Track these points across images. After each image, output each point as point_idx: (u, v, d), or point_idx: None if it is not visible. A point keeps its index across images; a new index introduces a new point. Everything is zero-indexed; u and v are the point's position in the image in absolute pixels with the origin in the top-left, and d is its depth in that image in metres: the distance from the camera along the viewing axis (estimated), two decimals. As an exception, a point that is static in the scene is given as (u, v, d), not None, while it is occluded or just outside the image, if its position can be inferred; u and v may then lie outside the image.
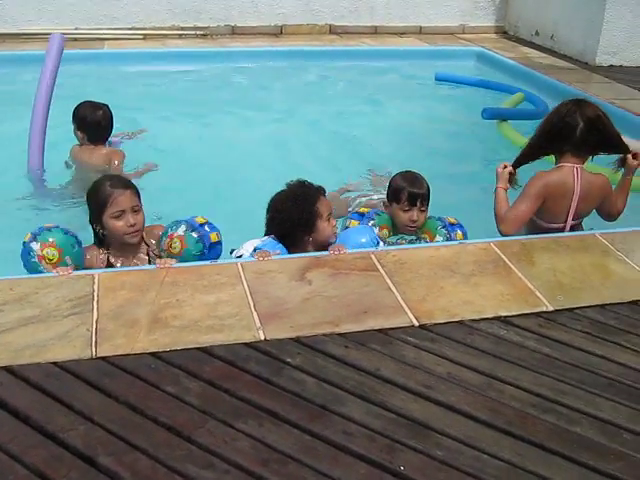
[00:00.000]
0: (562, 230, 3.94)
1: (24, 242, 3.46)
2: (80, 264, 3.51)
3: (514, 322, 3.09)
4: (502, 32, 10.22)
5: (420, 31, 9.89)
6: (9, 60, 7.93)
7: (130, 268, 3.41)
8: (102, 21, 8.90)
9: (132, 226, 3.53)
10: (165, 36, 8.92)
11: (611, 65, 8.41)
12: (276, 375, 2.66)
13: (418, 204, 3.91)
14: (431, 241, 3.90)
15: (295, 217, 3.60)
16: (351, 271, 3.35)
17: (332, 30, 9.65)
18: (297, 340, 2.86)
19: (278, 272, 3.32)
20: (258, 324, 2.93)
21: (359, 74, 8.40)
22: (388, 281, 3.28)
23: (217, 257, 3.59)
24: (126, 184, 3.62)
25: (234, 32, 9.33)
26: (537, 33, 9.56)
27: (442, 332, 2.97)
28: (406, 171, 4.07)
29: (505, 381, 2.71)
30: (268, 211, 3.72)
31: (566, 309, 3.21)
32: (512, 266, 3.48)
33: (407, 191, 3.91)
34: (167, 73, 7.95)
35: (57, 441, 2.33)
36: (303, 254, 3.53)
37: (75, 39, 8.76)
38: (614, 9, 8.25)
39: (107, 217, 3.52)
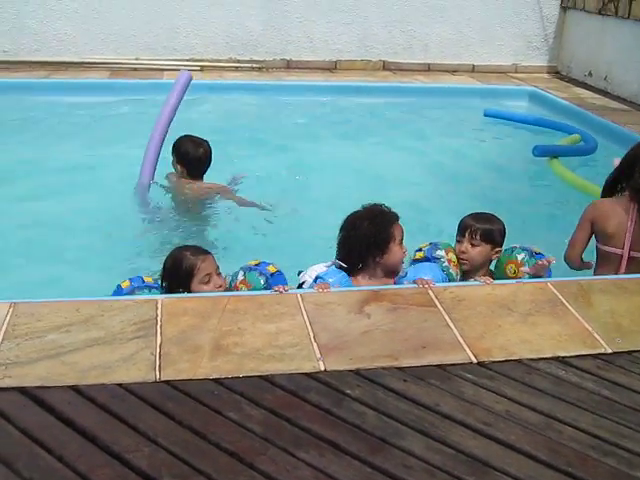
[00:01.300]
0: (621, 258, 3.97)
1: (120, 287, 3.56)
2: None
3: (572, 363, 3.08)
4: (555, 72, 10.23)
5: (473, 69, 9.96)
6: (70, 87, 8.16)
7: (192, 295, 3.48)
8: (162, 52, 9.11)
9: (219, 287, 3.65)
10: (222, 68, 9.08)
11: (666, 107, 8.38)
12: (336, 406, 2.69)
13: (467, 235, 3.93)
14: (517, 267, 3.89)
15: (370, 236, 3.65)
16: (409, 306, 3.38)
17: (385, 66, 9.76)
18: (357, 372, 2.89)
19: (337, 304, 3.36)
20: (318, 355, 2.97)
21: (410, 111, 8.46)
22: (446, 317, 3.31)
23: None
24: (205, 250, 3.75)
25: (289, 66, 9.48)
26: (590, 74, 9.56)
27: (500, 370, 2.98)
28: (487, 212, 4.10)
29: (564, 422, 2.71)
30: (342, 229, 3.75)
31: (625, 352, 3.20)
32: (569, 306, 3.48)
33: (463, 221, 3.98)
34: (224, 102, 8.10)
35: (123, 461, 2.38)
36: (361, 287, 3.57)
37: (135, 69, 9.00)
38: (669, 51, 8.23)
39: (196, 284, 3.61)
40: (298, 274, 3.77)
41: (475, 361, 3.02)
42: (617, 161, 6.23)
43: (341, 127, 7.89)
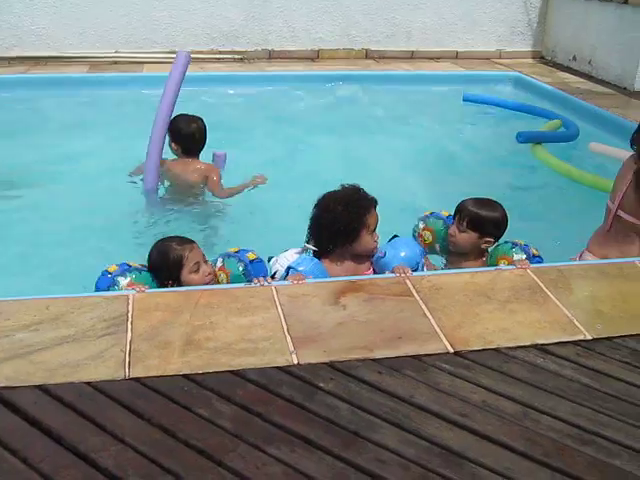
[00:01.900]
0: (610, 213, 3.94)
1: (107, 272, 3.50)
2: None
3: (551, 350, 3.03)
4: (539, 57, 10.17)
5: (456, 56, 9.88)
6: (50, 82, 8.06)
7: (165, 290, 3.41)
8: (141, 45, 9.01)
9: (208, 275, 3.64)
10: (203, 60, 8.99)
11: (651, 90, 8.33)
12: (309, 400, 2.63)
13: (457, 218, 3.90)
14: (510, 264, 3.78)
15: (342, 222, 3.55)
16: (386, 296, 3.32)
17: (368, 55, 9.68)
18: (331, 365, 2.83)
19: (312, 296, 3.30)
20: (292, 348, 2.91)
21: (394, 98, 8.40)
22: (423, 307, 3.25)
23: (272, 274, 3.61)
24: (189, 239, 3.71)
25: (271, 56, 9.39)
26: (574, 58, 9.50)
27: (478, 359, 2.92)
28: (493, 200, 4.04)
29: (542, 411, 2.65)
30: (316, 207, 3.66)
31: (605, 338, 3.14)
32: (549, 293, 3.43)
33: (460, 202, 3.94)
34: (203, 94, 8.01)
35: (88, 461, 2.32)
36: (337, 278, 3.51)
37: (115, 62, 8.91)
38: (653, 34, 8.18)
39: (186, 274, 3.59)
40: (268, 260, 3.73)
41: (452, 351, 2.96)
42: (593, 145, 6.23)
43: (324, 116, 7.82)
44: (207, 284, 3.62)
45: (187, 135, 5.32)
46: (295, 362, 2.84)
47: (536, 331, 3.13)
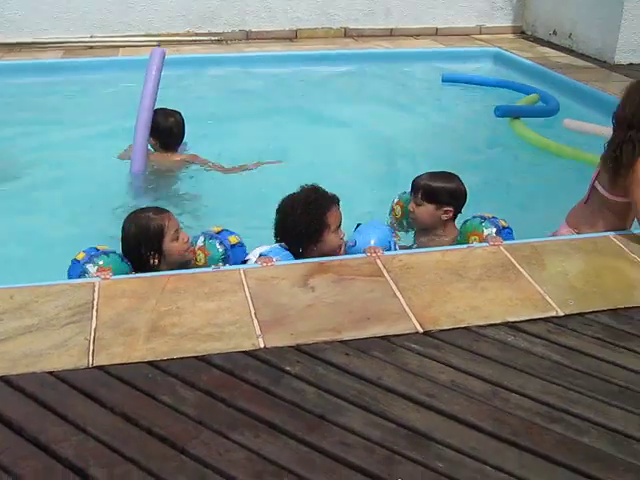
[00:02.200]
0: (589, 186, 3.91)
1: (76, 260, 3.44)
2: None
3: (522, 328, 3.00)
4: (520, 32, 10.07)
5: (436, 33, 9.75)
6: (24, 69, 7.96)
7: (131, 276, 3.36)
8: (117, 29, 8.88)
9: (186, 242, 3.63)
10: (180, 42, 8.88)
11: (631, 63, 8.25)
12: (275, 384, 2.59)
13: (412, 194, 3.91)
14: (481, 240, 3.72)
15: (303, 225, 3.50)
16: (356, 277, 3.28)
17: (347, 33, 9.55)
18: (297, 348, 2.79)
19: (281, 278, 3.25)
20: (258, 332, 2.87)
21: (373, 77, 8.32)
22: (393, 287, 3.21)
23: (244, 261, 3.56)
24: (163, 209, 3.69)
25: (248, 37, 9.28)
26: (555, 32, 9.42)
27: (447, 339, 2.89)
28: (447, 171, 4.05)
29: (511, 389, 2.62)
30: (277, 212, 3.61)
31: (577, 314, 3.11)
32: (522, 270, 3.39)
33: (413, 180, 3.95)
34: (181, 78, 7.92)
35: (49, 452, 2.29)
36: (307, 260, 3.46)
37: (90, 47, 8.79)
38: (632, 6, 8.08)
39: (167, 243, 3.55)
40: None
41: (421, 331, 2.93)
42: (567, 122, 6.19)
43: (302, 97, 7.74)
44: (185, 253, 3.61)
45: (165, 129, 5.31)
46: (261, 346, 2.80)
47: (507, 309, 3.10)
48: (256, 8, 9.21)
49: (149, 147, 5.36)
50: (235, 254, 3.64)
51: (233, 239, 3.68)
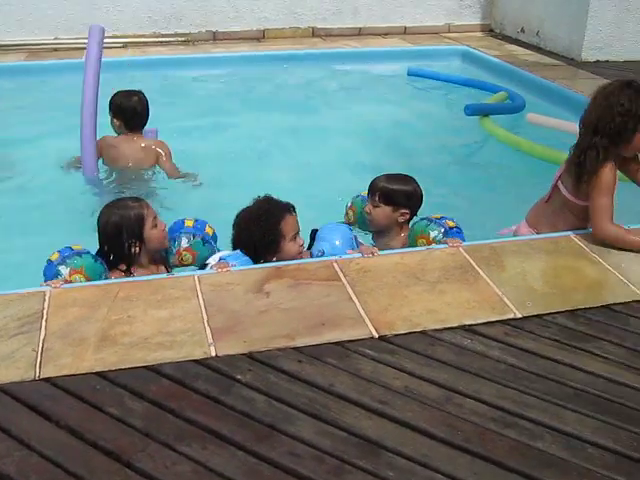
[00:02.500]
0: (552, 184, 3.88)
1: (50, 261, 3.40)
2: None
3: (479, 331, 2.96)
4: (488, 30, 10.07)
5: (405, 31, 9.74)
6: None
7: (83, 284, 3.28)
8: (82, 30, 8.72)
9: (164, 230, 3.66)
10: (146, 43, 8.80)
11: (597, 60, 8.28)
12: (225, 393, 2.54)
13: (369, 195, 3.88)
14: (429, 244, 3.71)
15: (257, 237, 3.47)
16: (312, 281, 3.23)
17: (315, 33, 9.50)
18: (249, 356, 2.74)
19: (236, 284, 3.19)
20: (210, 340, 2.81)
21: (341, 76, 8.29)
22: (350, 291, 3.16)
23: (203, 265, 3.53)
24: (139, 197, 3.77)
25: (215, 38, 9.20)
26: (523, 30, 9.43)
27: (402, 343, 2.85)
28: (402, 173, 4.02)
29: (465, 394, 2.59)
30: (233, 227, 3.59)
31: (535, 315, 3.09)
32: (481, 271, 3.36)
33: (371, 182, 3.92)
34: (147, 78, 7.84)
35: (-10, 469, 2.22)
36: (263, 265, 3.41)
37: (55, 49, 8.69)
38: (598, 3, 8.12)
39: (147, 230, 3.57)
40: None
41: (376, 335, 2.88)
42: (531, 116, 6.20)
43: (269, 97, 7.69)
44: (164, 240, 3.66)
45: (128, 108, 5.20)
46: (213, 354, 2.74)
47: (465, 311, 3.06)
48: (222, 8, 9.14)
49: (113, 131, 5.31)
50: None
51: (209, 230, 3.77)
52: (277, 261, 3.51)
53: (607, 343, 2.94)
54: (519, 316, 3.07)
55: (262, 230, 3.46)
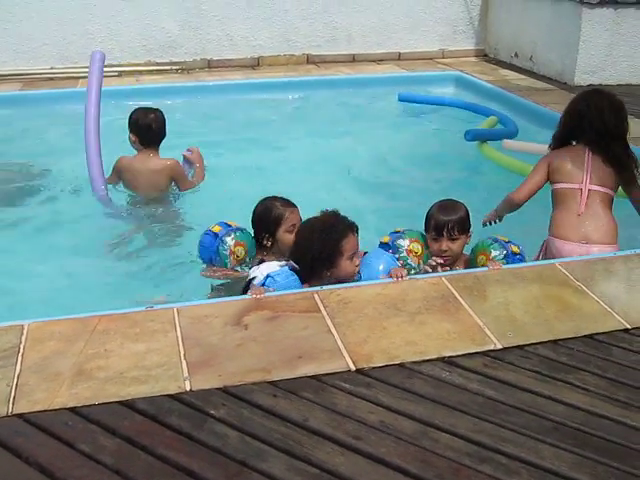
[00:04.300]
0: (581, 193, 4.07)
1: (213, 232, 3.95)
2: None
3: (458, 363, 2.93)
4: (482, 55, 10.10)
5: (399, 57, 9.76)
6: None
7: (62, 317, 3.23)
8: (77, 59, 8.81)
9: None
10: (141, 72, 8.83)
11: (591, 84, 8.24)
12: (197, 429, 2.51)
13: (445, 233, 3.81)
14: (487, 261, 3.80)
15: (317, 250, 3.51)
16: (292, 313, 3.21)
17: (309, 60, 9.53)
18: (224, 390, 2.71)
19: (214, 317, 3.17)
20: (186, 374, 2.79)
21: (335, 103, 8.29)
22: (329, 322, 3.14)
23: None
24: (293, 203, 4.06)
25: (210, 66, 9.23)
26: (516, 55, 9.45)
27: (380, 376, 2.82)
28: (446, 199, 4.01)
29: (442, 428, 2.55)
30: (296, 234, 3.72)
31: (516, 346, 3.06)
32: (462, 301, 3.34)
33: (434, 219, 3.86)
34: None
35: (-44, 510, 2.20)
36: (243, 296, 3.38)
37: (51, 78, 8.71)
38: (590, 28, 8.14)
39: (282, 232, 3.97)
40: (249, 267, 3.65)
41: (353, 368, 2.85)
42: (507, 143, 6.26)
43: (263, 125, 7.69)
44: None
45: (144, 125, 5.28)
46: (187, 389, 2.72)
47: (444, 343, 3.04)
48: (217, 37, 9.18)
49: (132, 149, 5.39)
50: None
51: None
52: (331, 277, 3.55)
53: (588, 374, 2.91)
54: (499, 347, 3.04)
55: (324, 243, 3.50)
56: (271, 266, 3.52)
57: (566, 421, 2.62)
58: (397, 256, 3.85)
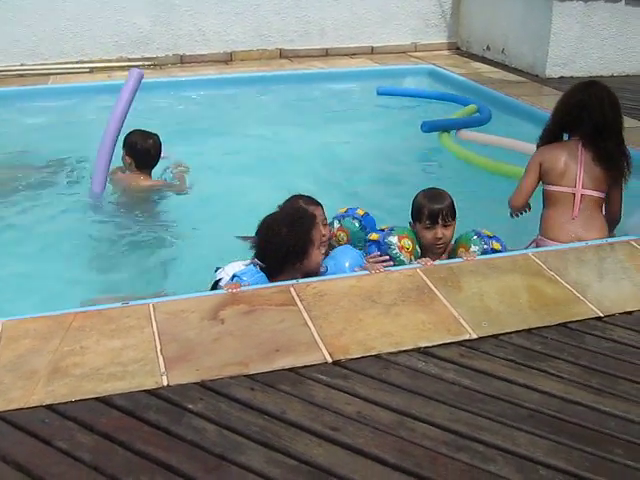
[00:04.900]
0: (574, 197, 4.08)
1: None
2: None
3: (434, 353, 2.95)
4: (455, 48, 10.15)
5: (372, 51, 9.78)
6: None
7: (36, 315, 3.22)
8: (48, 56, 8.75)
9: (323, 236, 3.75)
10: (112, 68, 8.78)
11: (561, 76, 8.35)
12: (175, 424, 2.51)
13: (440, 221, 3.82)
14: (466, 252, 3.83)
15: (289, 244, 3.46)
16: (268, 307, 3.21)
17: (282, 54, 9.53)
18: (202, 384, 2.71)
19: (191, 312, 3.17)
20: (162, 369, 2.78)
21: (306, 98, 8.30)
22: (305, 315, 3.15)
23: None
24: (317, 201, 3.92)
25: (183, 61, 9.20)
26: (488, 48, 9.51)
27: (356, 368, 2.83)
28: (429, 188, 4.01)
29: (419, 418, 2.57)
30: (258, 233, 3.56)
31: (491, 336, 3.08)
32: (437, 292, 3.36)
33: (427, 208, 3.85)
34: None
35: None
36: (218, 291, 3.39)
37: (21, 75, 8.64)
38: (561, 20, 8.22)
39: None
40: (215, 270, 3.62)
41: (330, 360, 2.87)
42: (462, 133, 6.32)
43: (237, 120, 7.67)
44: (323, 244, 3.75)
45: (143, 150, 5.30)
46: (165, 384, 2.71)
47: (420, 333, 3.06)
48: (189, 32, 9.15)
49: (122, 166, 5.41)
50: (367, 221, 4.14)
51: (360, 211, 4.16)
52: (300, 271, 3.54)
53: (562, 362, 2.94)
54: (475, 337, 3.07)
55: (295, 236, 3.46)
56: (235, 266, 3.52)
57: (541, 408, 2.65)
58: (389, 253, 3.86)
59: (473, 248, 3.87)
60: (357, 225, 4.10)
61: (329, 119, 7.69)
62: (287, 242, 3.46)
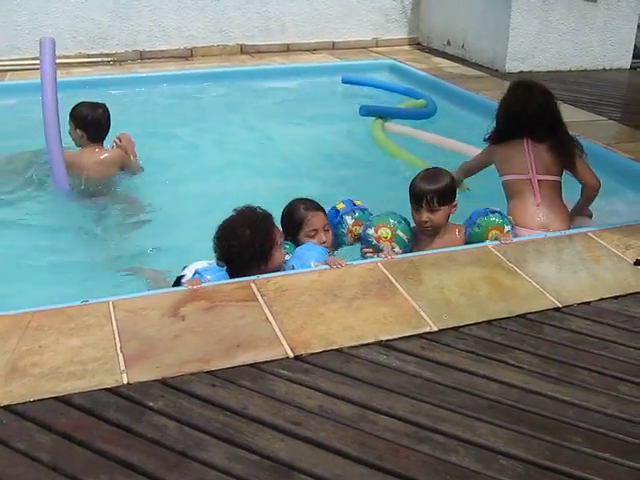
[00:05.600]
0: (531, 183, 4.16)
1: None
2: None
3: (395, 346, 2.97)
4: (416, 43, 10.17)
5: (333, 47, 9.77)
6: None
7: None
8: (4, 52, 8.61)
9: (323, 243, 3.84)
10: (70, 64, 8.66)
11: (521, 71, 8.42)
12: (135, 422, 2.49)
13: (424, 204, 3.77)
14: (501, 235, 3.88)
15: (255, 247, 3.43)
16: (229, 302, 3.20)
17: (243, 50, 9.47)
18: (162, 382, 2.70)
19: (151, 309, 3.15)
20: (122, 367, 2.76)
21: (266, 94, 8.26)
22: (266, 311, 3.14)
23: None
24: (318, 206, 3.96)
25: (142, 57, 9.11)
26: (449, 43, 9.55)
27: (318, 362, 2.84)
28: (432, 167, 4.02)
29: (380, 411, 2.59)
30: (220, 238, 3.48)
31: (451, 328, 3.11)
32: (398, 286, 3.38)
33: (415, 189, 3.83)
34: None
35: None
36: (179, 288, 3.37)
37: (-24, 71, 8.50)
38: (519, 15, 8.28)
39: (303, 235, 3.87)
40: (182, 269, 3.59)
41: (292, 355, 2.87)
42: (388, 126, 6.46)
43: (196, 117, 7.63)
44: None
45: (94, 120, 5.20)
46: (125, 382, 2.69)
47: (381, 327, 3.07)
48: (148, 27, 9.04)
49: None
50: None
51: (357, 202, 4.15)
52: (263, 270, 3.48)
53: (522, 352, 2.98)
54: (435, 329, 3.09)
55: (260, 237, 3.43)
56: (199, 264, 3.52)
57: (501, 399, 2.68)
58: (369, 245, 3.91)
59: (507, 228, 3.88)
60: (366, 214, 4.06)
61: (290, 115, 7.68)
62: (252, 244, 3.43)
